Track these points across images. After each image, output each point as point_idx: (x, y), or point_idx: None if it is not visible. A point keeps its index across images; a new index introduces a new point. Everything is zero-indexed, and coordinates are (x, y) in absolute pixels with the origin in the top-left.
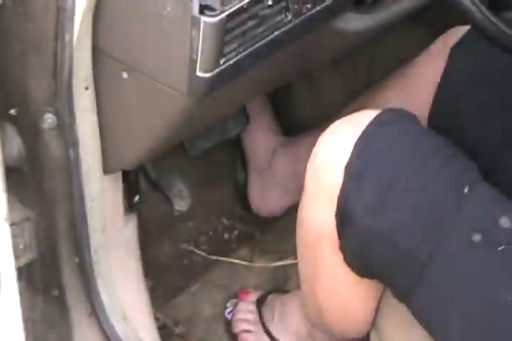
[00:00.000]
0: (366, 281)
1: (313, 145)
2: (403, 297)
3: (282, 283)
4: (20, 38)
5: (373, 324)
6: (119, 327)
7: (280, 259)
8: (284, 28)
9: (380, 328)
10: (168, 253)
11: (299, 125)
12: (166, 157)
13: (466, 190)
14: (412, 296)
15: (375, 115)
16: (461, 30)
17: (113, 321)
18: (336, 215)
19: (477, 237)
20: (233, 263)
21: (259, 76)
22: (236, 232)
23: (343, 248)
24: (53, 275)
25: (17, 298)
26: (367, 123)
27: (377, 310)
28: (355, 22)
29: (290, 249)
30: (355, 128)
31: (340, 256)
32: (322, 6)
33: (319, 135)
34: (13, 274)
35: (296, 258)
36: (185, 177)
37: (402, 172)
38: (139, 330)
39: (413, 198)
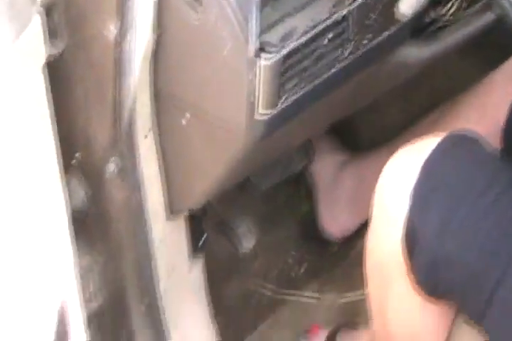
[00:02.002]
0: (436, 308)
1: (379, 161)
2: (477, 320)
3: (352, 318)
4: (83, 85)
5: None
6: None
7: (349, 294)
8: (342, 64)
9: None
10: (236, 292)
11: (363, 142)
12: (230, 194)
13: None
14: (484, 320)
15: (439, 140)
16: None
17: None
18: (405, 239)
19: None
20: (302, 299)
21: (319, 112)
22: (303, 268)
23: (413, 270)
24: (122, 321)
25: None
26: (432, 149)
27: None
28: (412, 53)
29: (359, 284)
30: (421, 154)
31: (409, 280)
32: (379, 40)
33: (385, 151)
34: (81, 321)
35: (365, 293)
36: (250, 214)
37: (467, 196)
38: None
39: (479, 222)
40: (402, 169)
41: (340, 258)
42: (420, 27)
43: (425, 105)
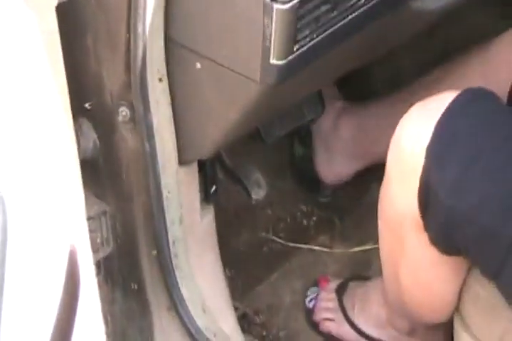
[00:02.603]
0: (450, 262)
1: (377, 112)
2: (492, 275)
3: (363, 269)
4: (93, 30)
5: (457, 310)
6: (199, 319)
7: (360, 244)
8: (358, 11)
9: (464, 315)
10: (247, 242)
11: (362, 92)
12: (240, 145)
13: None
14: (502, 274)
15: (454, 96)
16: None
17: (193, 313)
18: (419, 196)
19: None
20: (312, 249)
21: (334, 61)
22: (314, 218)
23: (427, 228)
24: (132, 269)
25: (96, 292)
26: (446, 105)
27: (460, 295)
28: (429, 1)
29: (370, 234)
30: (436, 110)
31: (423, 237)
32: None
33: (384, 103)
34: (91, 268)
35: (376, 243)
36: (261, 165)
37: (483, 150)
38: (219, 321)
39: (496, 176)
40: (418, 123)
41: (351, 211)
42: None
43: (430, 60)
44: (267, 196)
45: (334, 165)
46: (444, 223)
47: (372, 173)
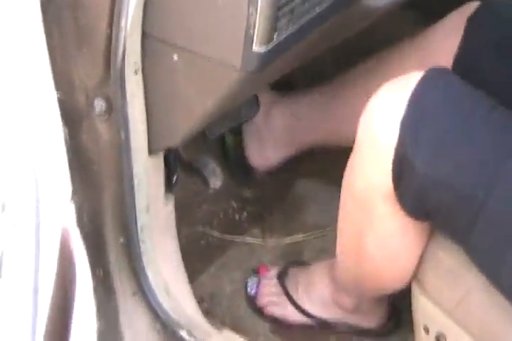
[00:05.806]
0: (416, 229)
1: (312, 101)
2: (461, 239)
3: (295, 258)
4: (73, 25)
5: (415, 276)
6: (164, 302)
7: (289, 236)
8: (324, 5)
9: (423, 280)
10: (186, 236)
11: (294, 83)
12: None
13: None
14: (470, 237)
15: (423, 74)
16: (475, 3)
17: (158, 296)
18: (393, 168)
19: None
20: (247, 243)
21: (300, 50)
22: (245, 214)
23: (399, 199)
24: (98, 257)
25: (88, 270)
26: (416, 81)
27: (420, 262)
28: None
29: (298, 227)
30: (406, 87)
31: (393, 208)
32: None
33: (318, 92)
34: (81, 247)
35: (304, 234)
36: None
37: (458, 119)
38: (181, 303)
39: (471, 143)
40: (390, 99)
41: (279, 206)
42: None
43: (359, 51)
44: (202, 193)
45: (265, 152)
46: (418, 191)
47: (295, 171)
